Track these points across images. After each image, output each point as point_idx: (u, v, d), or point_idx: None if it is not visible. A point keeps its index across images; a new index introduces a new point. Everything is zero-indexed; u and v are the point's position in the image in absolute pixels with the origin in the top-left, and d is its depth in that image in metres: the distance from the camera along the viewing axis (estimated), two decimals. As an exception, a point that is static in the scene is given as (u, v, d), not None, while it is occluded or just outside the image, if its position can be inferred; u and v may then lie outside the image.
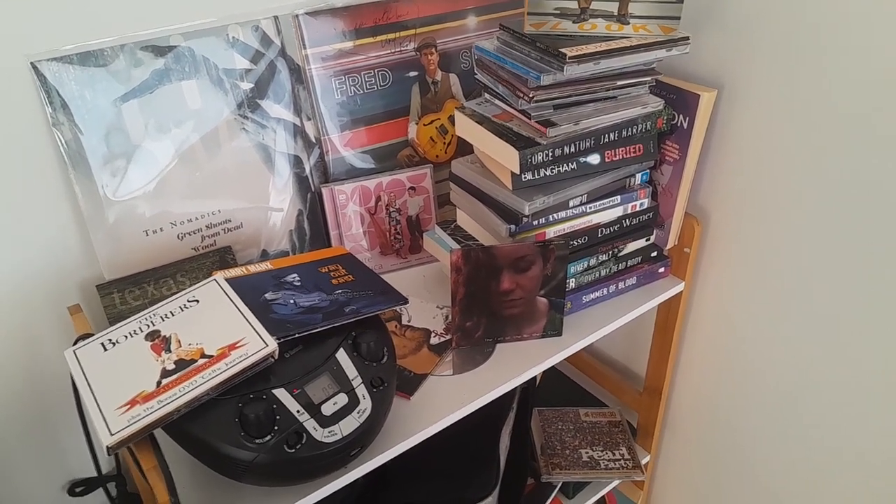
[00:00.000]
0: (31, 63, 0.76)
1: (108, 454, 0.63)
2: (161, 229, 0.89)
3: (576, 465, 1.19)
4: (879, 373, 0.88)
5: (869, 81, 0.77)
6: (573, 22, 0.82)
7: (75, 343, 0.74)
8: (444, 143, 1.09)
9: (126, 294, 0.86)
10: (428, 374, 0.87)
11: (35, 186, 0.81)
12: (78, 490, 1.00)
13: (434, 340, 0.93)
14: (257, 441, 0.65)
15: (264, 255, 0.98)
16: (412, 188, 1.05)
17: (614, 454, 1.22)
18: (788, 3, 0.81)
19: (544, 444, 1.22)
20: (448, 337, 0.93)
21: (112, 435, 0.62)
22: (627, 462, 1.21)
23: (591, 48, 0.77)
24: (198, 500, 0.74)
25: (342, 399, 0.70)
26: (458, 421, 0.83)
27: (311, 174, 0.99)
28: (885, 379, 0.88)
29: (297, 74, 0.95)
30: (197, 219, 0.91)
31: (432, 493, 1.07)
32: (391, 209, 1.05)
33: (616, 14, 0.81)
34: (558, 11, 0.82)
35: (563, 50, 0.76)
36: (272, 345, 0.68)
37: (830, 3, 0.77)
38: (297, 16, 0.92)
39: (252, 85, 0.91)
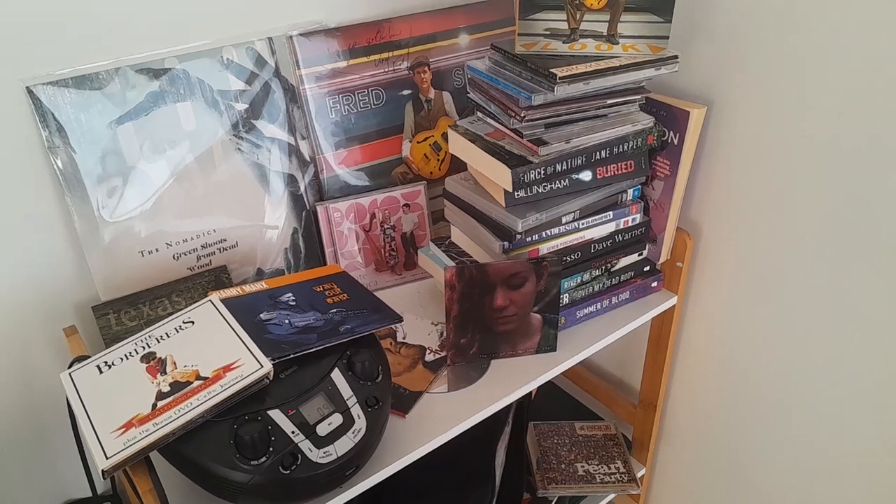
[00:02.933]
0: (27, 87, 0.77)
1: (104, 478, 0.63)
2: (157, 249, 0.89)
3: (571, 479, 1.19)
4: (874, 383, 0.89)
5: (856, 94, 0.78)
6: (563, 42, 0.83)
7: (71, 365, 0.74)
8: (438, 161, 1.10)
9: (122, 315, 0.86)
10: (423, 392, 0.87)
11: (30, 209, 0.82)
12: (73, 511, 1.00)
13: (429, 357, 0.93)
14: (252, 463, 0.65)
15: (259, 274, 0.99)
16: (406, 205, 1.06)
17: (610, 468, 1.22)
18: (775, 21, 0.82)
19: (540, 459, 1.23)
20: (443, 354, 0.93)
21: (108, 458, 0.62)
22: (623, 476, 1.21)
23: (582, 68, 0.78)
24: (194, 522, 0.74)
25: (337, 419, 0.71)
26: (453, 438, 0.83)
27: (306, 192, 1.00)
28: (879, 389, 0.88)
29: (292, 94, 0.96)
30: (192, 238, 0.92)
31: (429, 509, 1.07)
32: (386, 226, 1.06)
33: (605, 34, 0.82)
34: (549, 32, 0.83)
35: (553, 70, 0.77)
36: (267, 366, 0.68)
37: (817, 19, 0.78)
38: (291, 37, 0.93)
39: (247, 105, 0.91)
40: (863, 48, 0.75)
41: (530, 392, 0.99)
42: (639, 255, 1.00)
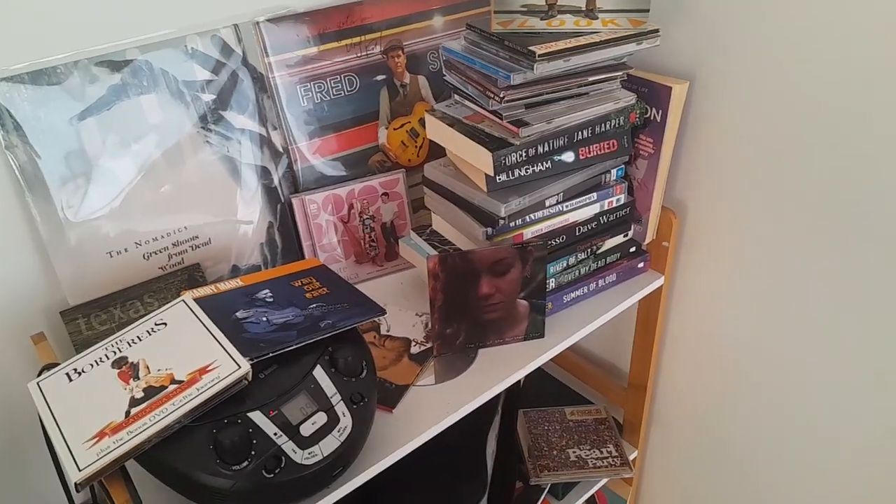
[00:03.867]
0: (-22, 84, 0.73)
1: (77, 490, 0.60)
2: (126, 250, 0.86)
3: (564, 465, 1.18)
4: (862, 361, 0.88)
5: (840, 70, 0.76)
6: (541, 19, 0.80)
7: (39, 374, 0.71)
8: (416, 147, 1.07)
9: (92, 319, 0.82)
10: (410, 385, 0.85)
11: (-11, 212, 0.78)
12: (53, 523, 0.96)
13: (414, 349, 0.91)
14: (234, 468, 0.62)
15: (235, 271, 0.95)
16: (385, 194, 1.03)
17: (602, 452, 1.21)
18: (756, -8, 0.80)
19: (531, 446, 1.21)
20: (429, 345, 0.91)
21: (80, 471, 0.59)
22: (615, 459, 1.19)
23: (561, 45, 0.76)
24: (176, 531, 0.71)
25: (321, 418, 0.68)
26: (443, 431, 0.81)
27: (280, 185, 0.97)
28: (868, 367, 0.88)
29: (261, 83, 0.92)
30: (163, 237, 0.88)
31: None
32: (365, 216, 1.03)
33: (584, 9, 0.80)
34: (525, 9, 0.80)
35: (532, 48, 0.74)
36: (245, 366, 0.66)
37: (798, -10, 0.76)
38: (257, 23, 0.89)
39: (214, 96, 0.88)
40: (845, 23, 0.73)
41: (518, 380, 0.97)
42: (624, 237, 0.98)
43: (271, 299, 0.78)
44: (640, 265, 1.01)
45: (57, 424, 0.64)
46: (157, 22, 0.83)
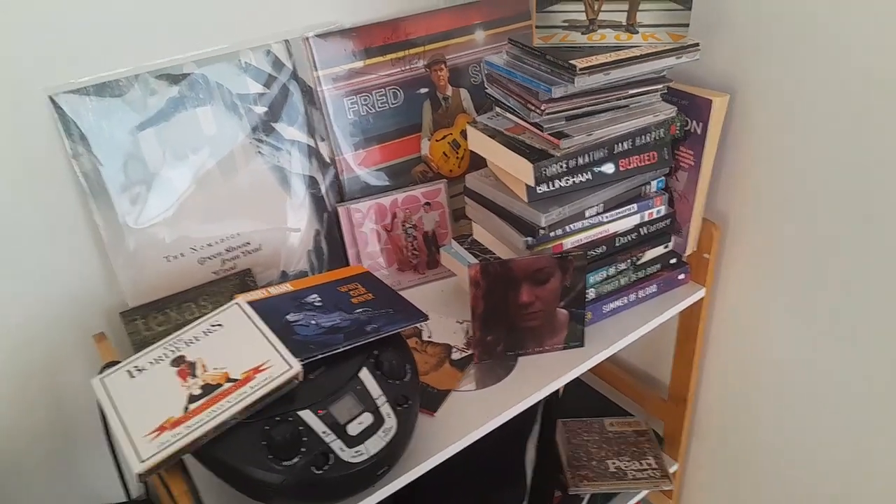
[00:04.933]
0: (50, 96, 0.78)
1: (139, 481, 0.63)
2: (182, 255, 0.90)
3: (603, 476, 1.18)
4: (908, 372, 0.87)
5: (880, 82, 0.76)
6: (582, 33, 0.82)
7: (101, 371, 0.75)
8: (457, 158, 1.09)
9: (150, 320, 0.86)
10: (451, 390, 0.87)
11: (56, 217, 0.83)
12: (106, 517, 1.01)
13: (455, 355, 0.92)
14: (285, 463, 0.65)
15: (283, 277, 0.99)
16: (427, 204, 1.06)
17: (641, 464, 1.21)
18: (798, 7, 0.81)
19: (570, 456, 1.22)
20: (469, 352, 0.93)
21: (142, 462, 0.62)
22: (655, 472, 1.19)
23: (601, 59, 0.78)
24: (227, 525, 0.74)
25: (367, 418, 0.70)
26: (483, 437, 0.83)
27: (327, 194, 1.00)
28: (914, 378, 0.87)
29: (310, 96, 0.96)
30: (216, 243, 0.92)
31: (459, 508, 1.07)
32: (407, 225, 1.05)
33: (624, 24, 0.82)
34: (566, 24, 0.82)
35: (573, 62, 0.76)
36: (296, 367, 0.68)
37: (839, 5, 0.77)
38: (307, 38, 0.93)
39: (266, 108, 0.92)
40: (887, 35, 0.74)
41: (558, 389, 0.98)
42: (664, 248, 0.98)
43: (320, 304, 0.81)
44: (681, 277, 1.01)
45: (120, 418, 0.67)
46: (213, 37, 0.87)
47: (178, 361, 0.72)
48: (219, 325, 0.76)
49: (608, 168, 0.87)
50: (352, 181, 1.02)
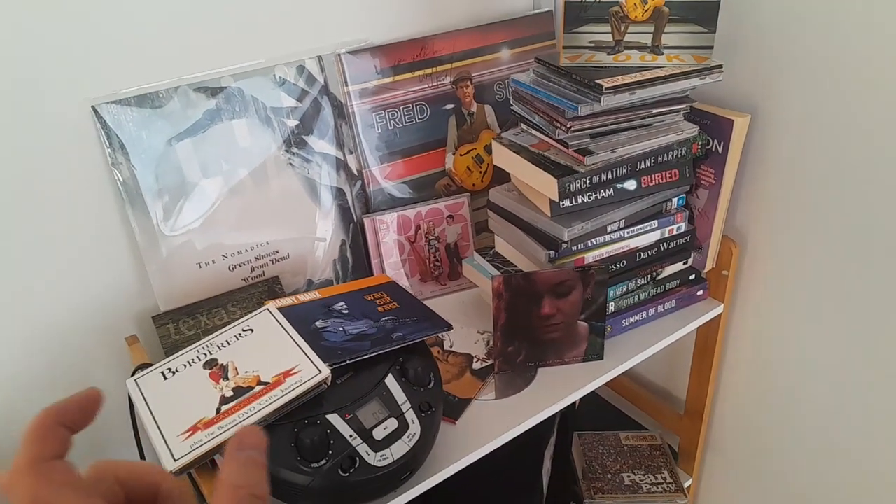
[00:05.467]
0: (92, 106, 0.81)
1: (172, 479, 0.65)
2: (213, 261, 0.93)
3: (618, 489, 1.19)
4: (926, 393, 0.88)
5: (904, 103, 0.78)
6: (608, 54, 0.85)
7: (134, 373, 0.78)
8: (481, 173, 1.12)
9: (180, 324, 0.89)
10: (472, 399, 0.89)
11: (95, 222, 0.86)
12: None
13: (476, 365, 0.94)
14: (313, 465, 0.67)
15: (309, 285, 1.01)
16: (450, 216, 1.08)
17: (656, 478, 1.21)
18: (819, 30, 0.82)
19: (585, 469, 1.23)
20: (490, 362, 0.94)
21: (176, 461, 0.65)
22: (670, 486, 1.20)
23: (627, 78, 0.80)
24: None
25: (392, 424, 0.72)
26: (501, 446, 0.84)
27: (354, 205, 1.03)
28: (932, 399, 0.87)
29: (340, 110, 0.98)
30: (247, 251, 0.95)
31: (476, 518, 1.08)
32: (430, 237, 1.08)
33: (650, 45, 0.84)
34: (593, 44, 0.84)
35: (599, 81, 0.79)
36: (325, 371, 0.70)
37: (860, 28, 0.78)
38: (339, 55, 0.96)
39: (298, 122, 0.94)
40: (911, 53, 0.75)
41: (574, 402, 0.99)
42: (684, 264, 1.00)
43: (347, 311, 0.83)
44: (700, 293, 1.03)
45: (154, 418, 0.70)
46: (250, 52, 0.90)
47: (211, 364, 0.75)
48: (249, 329, 0.79)
49: (631, 185, 0.89)
50: (378, 193, 1.04)
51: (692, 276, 1.02)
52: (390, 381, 0.75)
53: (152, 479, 0.33)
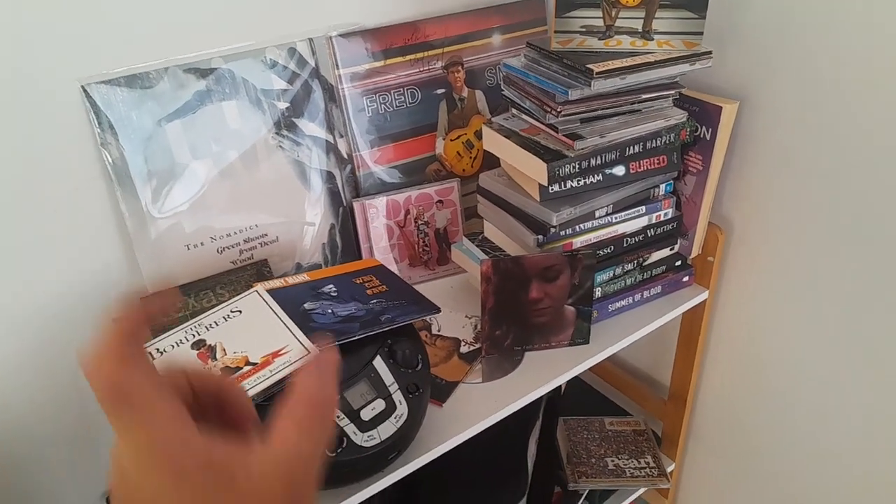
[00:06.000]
0: (82, 86, 0.81)
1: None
2: (202, 244, 0.92)
3: (602, 473, 1.20)
4: (905, 378, 0.89)
5: (889, 92, 0.78)
6: (599, 39, 0.85)
7: (123, 352, 0.77)
8: (471, 158, 1.12)
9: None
10: (459, 382, 0.89)
11: (83, 203, 0.85)
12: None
13: (464, 349, 0.95)
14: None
15: (298, 268, 1.01)
16: (440, 201, 1.08)
17: (639, 462, 1.23)
18: (809, 17, 0.83)
19: (570, 453, 1.24)
20: (477, 345, 0.95)
21: (164, 439, 0.65)
22: (653, 470, 1.22)
23: (617, 63, 0.80)
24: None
25: (380, 405, 0.73)
26: (486, 429, 0.85)
27: (343, 189, 1.03)
28: (911, 384, 0.89)
29: (331, 93, 0.98)
30: (236, 233, 0.94)
31: (462, 502, 1.09)
32: (419, 222, 1.08)
33: (640, 30, 0.84)
34: (584, 29, 0.85)
35: (589, 66, 0.79)
36: (314, 352, 0.71)
37: (849, 16, 0.79)
38: (330, 38, 0.96)
39: (288, 104, 0.94)
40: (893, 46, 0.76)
41: (560, 386, 1.00)
42: (670, 250, 1.01)
43: (335, 294, 0.84)
44: (685, 279, 1.04)
45: (142, 397, 0.70)
46: (241, 34, 0.90)
47: (199, 345, 0.75)
48: (238, 311, 0.79)
49: (619, 170, 0.89)
50: (367, 177, 1.04)
51: (678, 263, 1.03)
52: (378, 362, 0.76)
53: (214, 378, 0.35)
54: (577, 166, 0.86)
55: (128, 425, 0.29)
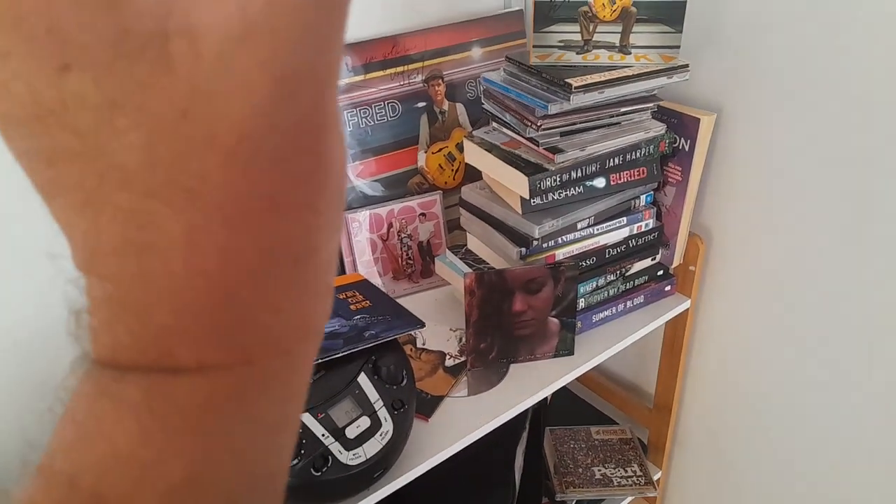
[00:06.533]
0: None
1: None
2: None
3: (589, 482, 1.21)
4: (889, 386, 0.90)
5: (864, 102, 0.80)
6: (577, 53, 0.86)
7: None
8: (453, 171, 1.12)
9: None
10: (444, 396, 0.89)
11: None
12: None
13: (449, 362, 0.95)
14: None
15: (281, 284, 1.01)
16: (423, 214, 1.08)
17: (626, 471, 1.23)
18: (784, 31, 0.84)
19: (557, 463, 1.24)
20: (462, 359, 0.95)
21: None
22: (640, 478, 1.22)
23: (596, 77, 0.81)
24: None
25: (365, 422, 0.72)
26: (474, 442, 0.85)
27: (325, 203, 1.02)
28: (894, 393, 0.90)
29: (311, 108, 0.98)
30: (217, 250, 0.94)
31: (449, 514, 1.08)
32: (403, 235, 1.08)
33: (618, 45, 0.85)
34: (562, 44, 0.85)
35: (568, 80, 0.79)
36: None
37: (823, 30, 0.80)
38: (310, 52, 0.96)
39: (268, 119, 0.94)
40: (870, 58, 0.77)
41: (546, 397, 1.01)
42: (652, 260, 1.02)
43: (319, 310, 0.83)
44: (667, 288, 1.05)
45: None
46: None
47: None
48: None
49: (600, 182, 0.90)
50: (350, 191, 1.04)
51: (660, 272, 1.03)
52: (363, 379, 0.76)
53: None
54: (557, 179, 0.86)
55: None
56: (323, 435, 0.70)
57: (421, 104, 1.07)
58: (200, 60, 0.16)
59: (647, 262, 1.01)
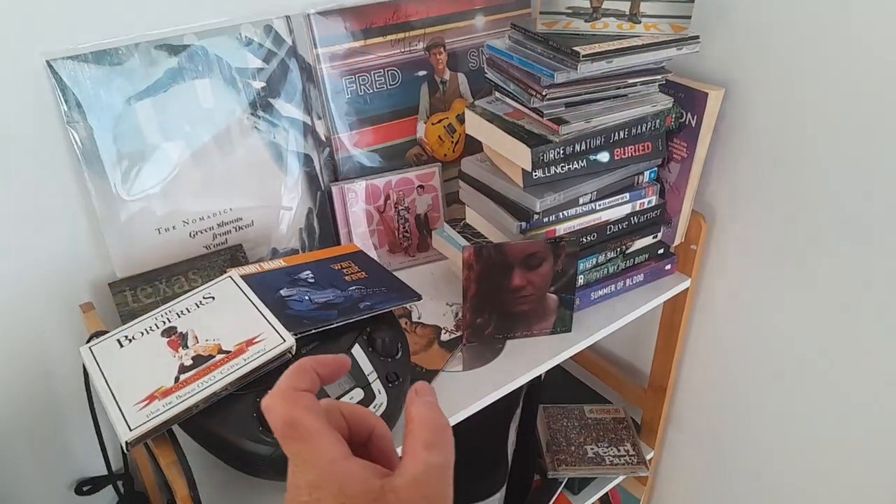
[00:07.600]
0: (47, 61, 0.77)
1: (127, 450, 0.63)
2: (173, 227, 0.89)
3: (581, 461, 1.20)
4: (887, 371, 0.89)
5: (875, 78, 0.78)
6: (585, 21, 0.83)
7: (89, 340, 0.75)
8: (452, 142, 1.10)
9: (138, 292, 0.86)
10: (439, 371, 0.88)
11: (49, 184, 0.82)
12: (85, 489, 1.00)
13: (444, 337, 0.93)
14: (275, 436, 0.65)
15: (274, 254, 0.99)
16: (420, 187, 1.06)
17: (619, 450, 1.23)
18: (795, 6, 0.82)
19: (550, 441, 1.23)
20: (458, 333, 0.93)
21: (131, 430, 0.62)
22: (632, 458, 1.21)
23: (605, 46, 0.78)
24: (215, 497, 0.74)
25: (358, 394, 0.71)
26: (467, 417, 0.83)
27: (321, 173, 1.00)
28: (892, 377, 0.89)
29: (308, 73, 0.95)
30: (209, 217, 0.91)
31: (441, 489, 1.07)
32: (400, 207, 1.06)
33: (628, 13, 0.82)
34: (570, 11, 0.83)
35: (576, 48, 0.77)
36: (290, 340, 0.69)
37: (835, 5, 0.78)
38: (308, 15, 0.93)
39: (264, 84, 0.91)
40: (882, 35, 0.75)
41: (540, 375, 0.99)
42: (653, 238, 1.00)
43: (313, 280, 0.81)
44: (668, 267, 1.03)
45: (108, 386, 0.67)
46: (215, 10, 0.86)
47: (170, 332, 0.72)
48: (211, 297, 0.76)
49: (603, 156, 0.88)
50: (346, 161, 1.02)
51: (661, 251, 1.02)
52: (357, 351, 0.74)
53: (368, 420, 0.40)
54: (560, 152, 0.84)
55: (297, 454, 0.35)
56: (315, 407, 0.68)
57: (421, 73, 1.04)
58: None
59: (649, 240, 1.00)
